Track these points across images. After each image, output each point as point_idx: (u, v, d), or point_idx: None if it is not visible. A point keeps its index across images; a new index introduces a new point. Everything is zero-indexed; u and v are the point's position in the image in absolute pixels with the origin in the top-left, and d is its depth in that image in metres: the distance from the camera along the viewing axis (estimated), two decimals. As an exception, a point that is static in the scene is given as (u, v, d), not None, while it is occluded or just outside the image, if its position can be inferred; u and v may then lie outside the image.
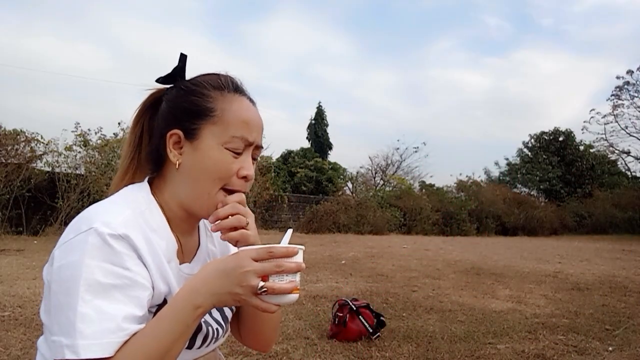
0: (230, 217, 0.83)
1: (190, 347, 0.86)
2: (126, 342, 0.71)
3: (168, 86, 0.91)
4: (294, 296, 0.75)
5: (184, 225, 0.91)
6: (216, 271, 0.73)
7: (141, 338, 0.71)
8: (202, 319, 0.87)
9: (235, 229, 0.84)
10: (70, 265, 0.72)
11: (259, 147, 0.89)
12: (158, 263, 0.81)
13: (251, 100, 0.91)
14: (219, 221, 0.83)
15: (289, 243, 0.78)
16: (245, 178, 0.86)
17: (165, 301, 0.82)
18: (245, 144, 0.85)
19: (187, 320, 0.72)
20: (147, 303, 0.77)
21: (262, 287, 0.71)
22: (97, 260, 0.72)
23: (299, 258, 0.75)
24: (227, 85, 0.88)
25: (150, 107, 0.93)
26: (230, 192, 0.86)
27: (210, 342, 0.91)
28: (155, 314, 0.79)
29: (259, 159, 0.93)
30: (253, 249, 0.73)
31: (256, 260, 0.71)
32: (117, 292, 0.72)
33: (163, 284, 0.81)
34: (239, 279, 0.71)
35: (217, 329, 0.92)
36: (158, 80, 0.91)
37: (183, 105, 0.87)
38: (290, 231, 0.82)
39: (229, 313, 0.97)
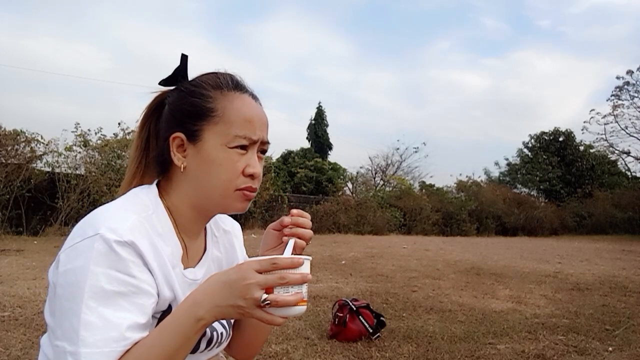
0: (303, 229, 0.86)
1: (194, 351, 0.85)
2: (128, 350, 0.71)
3: (171, 88, 0.91)
4: (300, 308, 0.72)
5: (193, 226, 0.90)
6: (219, 283, 0.72)
7: (142, 348, 0.71)
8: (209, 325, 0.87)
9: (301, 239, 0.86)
10: (76, 270, 0.72)
11: (265, 143, 0.88)
12: (163, 269, 0.81)
13: (253, 97, 0.89)
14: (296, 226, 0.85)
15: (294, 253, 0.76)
16: (252, 176, 0.85)
17: (170, 307, 0.82)
18: (249, 141, 0.84)
19: (188, 333, 0.72)
20: (152, 310, 0.77)
21: (265, 300, 0.69)
22: (102, 267, 0.72)
23: (305, 269, 0.73)
24: (226, 84, 0.87)
25: (155, 110, 0.92)
26: (243, 191, 0.85)
27: (214, 346, 0.90)
28: (159, 320, 0.79)
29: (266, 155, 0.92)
30: (256, 260, 0.71)
31: (260, 272, 0.70)
32: (121, 300, 0.72)
33: (168, 290, 0.81)
34: (242, 292, 0.69)
35: (221, 332, 0.92)
36: (161, 83, 0.90)
37: (183, 107, 0.86)
38: (292, 242, 0.81)
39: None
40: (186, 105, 0.86)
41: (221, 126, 0.83)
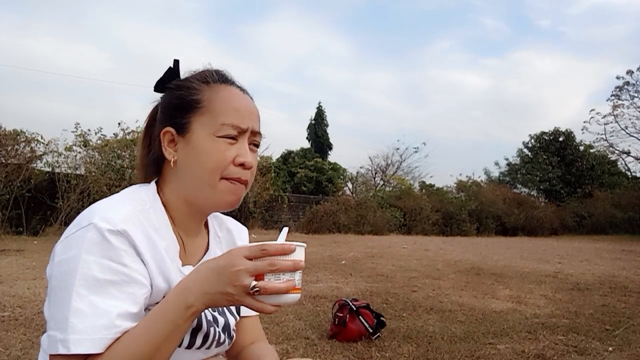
0: None
1: (190, 346, 0.85)
2: (118, 339, 0.71)
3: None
4: (292, 296, 0.70)
5: (189, 222, 0.90)
6: (208, 270, 0.71)
7: (132, 336, 0.71)
8: (205, 319, 0.87)
9: None
10: (69, 260, 0.73)
11: (255, 133, 0.88)
12: (158, 260, 0.80)
13: (241, 89, 0.90)
14: None
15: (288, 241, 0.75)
16: (242, 165, 0.84)
17: None
18: (238, 130, 0.84)
19: (177, 320, 0.71)
20: (144, 300, 0.76)
21: (254, 287, 0.67)
22: (94, 255, 0.72)
23: (297, 256, 0.71)
24: (211, 77, 0.88)
25: (156, 118, 0.94)
26: (232, 180, 0.85)
27: (212, 344, 0.89)
28: None
29: (259, 149, 0.92)
30: (246, 246, 0.70)
31: (249, 259, 0.69)
32: (113, 288, 0.72)
33: (163, 281, 0.81)
34: (231, 278, 0.68)
35: (219, 332, 0.91)
36: (155, 89, 0.92)
37: (171, 102, 0.88)
38: (285, 229, 0.79)
39: (232, 321, 0.96)
40: (173, 100, 0.87)
41: (208, 116, 0.84)
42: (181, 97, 0.86)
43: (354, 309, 3.34)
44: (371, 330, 3.29)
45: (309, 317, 3.84)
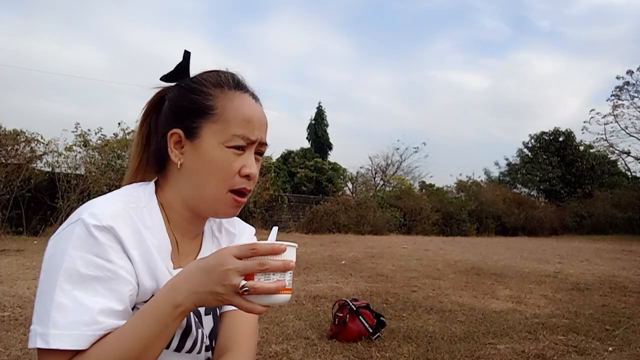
0: None
1: (178, 349, 0.84)
2: (104, 336, 0.70)
3: (172, 85, 0.90)
4: (282, 297, 0.69)
5: (187, 225, 0.89)
6: (197, 269, 0.71)
7: (119, 334, 0.70)
8: (194, 321, 0.86)
9: None
10: (56, 254, 0.73)
11: (263, 144, 0.87)
12: (147, 258, 0.79)
13: (254, 97, 0.89)
14: None
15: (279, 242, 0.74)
16: (248, 177, 0.84)
17: None
18: (247, 142, 0.83)
19: (166, 319, 0.70)
20: (129, 298, 0.76)
21: (243, 287, 0.67)
22: (80, 250, 0.72)
23: (288, 256, 0.70)
24: (227, 82, 0.86)
25: (156, 106, 0.92)
26: (237, 192, 0.84)
27: (201, 348, 0.88)
28: None
29: (263, 156, 0.92)
30: (236, 246, 0.69)
31: (239, 258, 0.68)
32: (97, 284, 0.71)
33: (150, 280, 0.79)
34: (220, 278, 0.67)
35: (207, 336, 0.90)
36: (162, 78, 0.90)
37: (183, 103, 0.86)
38: (275, 229, 0.78)
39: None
40: (186, 102, 0.85)
41: (220, 125, 0.83)
42: (194, 101, 0.84)
43: (354, 309, 3.34)
44: (371, 330, 3.29)
45: (309, 317, 3.84)
